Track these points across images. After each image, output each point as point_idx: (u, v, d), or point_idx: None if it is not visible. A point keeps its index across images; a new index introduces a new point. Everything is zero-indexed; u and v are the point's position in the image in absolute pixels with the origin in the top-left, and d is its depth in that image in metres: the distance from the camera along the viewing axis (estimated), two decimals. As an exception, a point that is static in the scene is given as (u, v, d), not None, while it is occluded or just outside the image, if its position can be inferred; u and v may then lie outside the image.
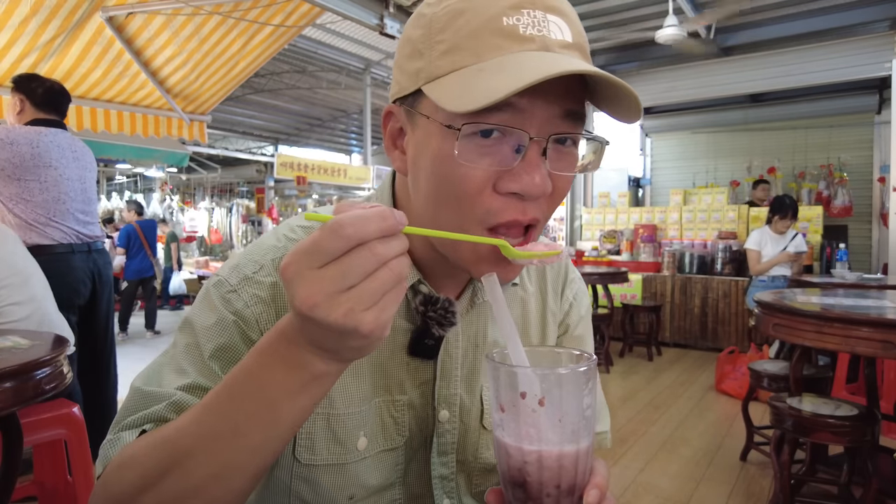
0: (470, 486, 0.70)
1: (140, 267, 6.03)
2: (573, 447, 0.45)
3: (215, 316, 0.57)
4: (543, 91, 0.47)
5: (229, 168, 13.69)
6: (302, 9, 3.86)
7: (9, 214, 2.39)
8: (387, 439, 0.64)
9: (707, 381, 4.45)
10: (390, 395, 0.64)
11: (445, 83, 0.49)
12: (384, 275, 0.38)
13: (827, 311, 1.88)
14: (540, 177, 0.50)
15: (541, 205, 0.52)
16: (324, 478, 0.62)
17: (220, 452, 0.44)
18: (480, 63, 0.48)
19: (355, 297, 0.37)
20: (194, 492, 0.45)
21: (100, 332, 2.69)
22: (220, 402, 0.45)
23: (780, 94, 7.04)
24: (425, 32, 0.52)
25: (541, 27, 0.49)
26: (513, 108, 0.48)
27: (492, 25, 0.49)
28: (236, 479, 0.45)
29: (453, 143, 0.49)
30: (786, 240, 4.26)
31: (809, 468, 2.44)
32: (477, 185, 0.50)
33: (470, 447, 0.68)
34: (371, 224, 0.37)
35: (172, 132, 4.58)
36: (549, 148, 0.50)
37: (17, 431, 1.37)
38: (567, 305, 0.76)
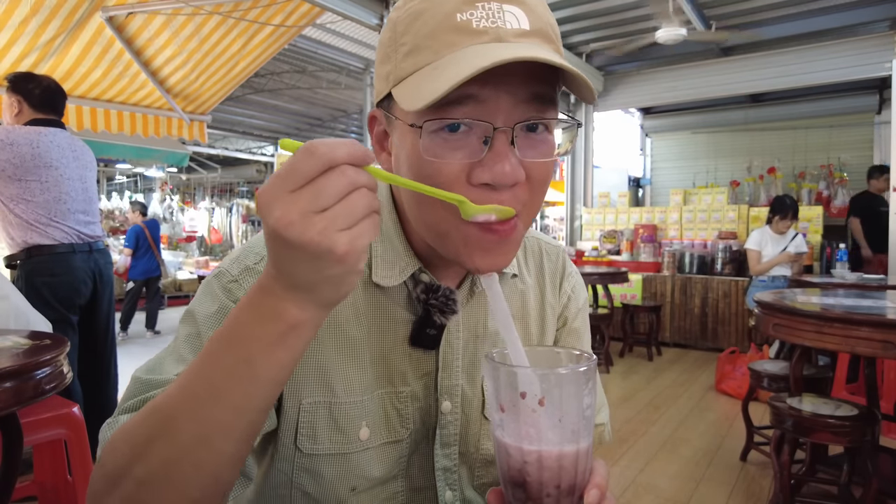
0: (472, 478, 0.70)
1: (147, 267, 6.07)
2: (573, 447, 0.45)
3: (217, 304, 0.58)
4: (504, 80, 0.48)
5: (229, 168, 13.70)
6: (302, 9, 3.86)
7: (10, 214, 2.39)
8: (390, 431, 0.64)
9: (707, 381, 4.45)
10: (393, 386, 0.64)
11: (407, 84, 0.51)
12: (357, 198, 0.38)
13: (827, 311, 1.88)
14: (510, 166, 0.50)
15: (517, 195, 0.52)
16: (326, 468, 0.62)
17: (203, 413, 0.43)
18: (437, 61, 0.49)
19: (329, 217, 0.38)
20: (181, 456, 0.43)
21: (100, 332, 2.69)
22: (202, 363, 0.44)
23: (781, 94, 7.04)
24: (391, 36, 0.54)
25: (494, 19, 0.50)
26: (474, 100, 0.49)
27: (447, 23, 0.50)
28: (221, 440, 0.43)
29: (420, 142, 0.50)
30: (786, 240, 4.26)
31: (809, 468, 2.44)
32: (449, 179, 0.50)
33: (472, 438, 0.68)
34: (342, 148, 0.38)
35: (172, 132, 4.58)
36: (518, 136, 0.51)
37: (17, 431, 1.37)
38: (565, 298, 0.77)
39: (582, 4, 5.38)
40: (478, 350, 0.69)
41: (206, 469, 0.44)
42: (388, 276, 0.62)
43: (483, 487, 0.70)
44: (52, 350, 1.27)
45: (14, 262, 2.46)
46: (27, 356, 1.23)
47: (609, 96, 7.13)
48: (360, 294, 0.63)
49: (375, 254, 0.63)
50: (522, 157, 0.51)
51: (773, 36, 5.91)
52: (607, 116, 7.97)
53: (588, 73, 6.67)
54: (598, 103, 7.25)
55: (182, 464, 0.43)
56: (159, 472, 0.44)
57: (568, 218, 7.57)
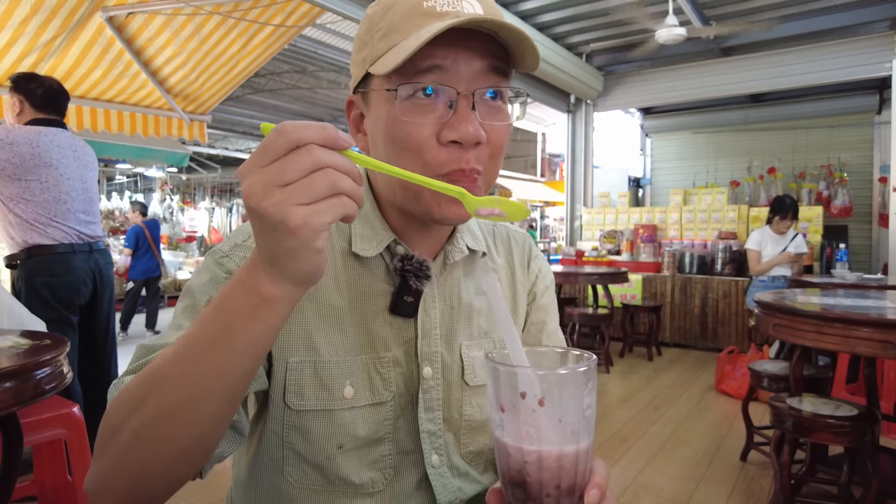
0: (459, 445, 0.73)
1: (147, 267, 6.07)
2: (573, 447, 0.45)
3: (209, 275, 0.64)
4: (463, 53, 0.58)
5: (229, 168, 13.69)
6: (302, 9, 3.86)
7: (10, 214, 2.39)
8: (374, 393, 0.68)
9: (707, 381, 4.45)
10: (375, 352, 0.68)
11: (383, 59, 0.59)
12: (321, 178, 0.41)
13: (827, 311, 1.88)
14: (473, 126, 0.58)
15: (480, 155, 0.60)
16: (313, 425, 0.65)
17: (189, 375, 0.47)
18: (407, 38, 0.58)
19: (289, 191, 0.40)
20: (170, 412, 0.48)
21: (101, 332, 2.69)
22: (193, 329, 0.48)
23: (781, 95, 7.04)
24: (368, 26, 0.63)
25: (454, 5, 0.59)
26: (440, 69, 0.57)
27: (416, 10, 0.59)
28: (206, 401, 0.47)
29: (395, 105, 0.58)
30: (786, 240, 4.26)
31: (809, 468, 2.44)
32: (423, 139, 0.59)
33: (454, 403, 0.72)
34: (311, 129, 0.41)
35: (172, 132, 4.58)
36: (478, 101, 0.59)
37: (17, 431, 1.37)
38: (534, 277, 0.83)
39: (582, 4, 5.38)
40: (454, 319, 0.73)
41: (193, 425, 0.49)
42: (366, 248, 0.68)
43: (470, 456, 0.74)
44: (53, 350, 1.27)
45: (14, 261, 2.46)
46: (27, 356, 1.23)
47: (609, 96, 7.13)
48: (341, 266, 0.68)
49: (354, 231, 0.69)
50: (482, 119, 0.59)
51: (772, 36, 5.91)
52: (607, 116, 7.97)
53: (588, 73, 6.67)
54: (598, 103, 7.25)
55: (171, 419, 0.48)
56: (151, 425, 0.48)
57: (568, 218, 7.57)
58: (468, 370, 0.73)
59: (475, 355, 0.74)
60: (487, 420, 0.74)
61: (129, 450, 0.50)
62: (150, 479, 0.51)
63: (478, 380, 0.74)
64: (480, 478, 0.75)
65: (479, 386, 0.74)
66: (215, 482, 2.52)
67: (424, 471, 0.70)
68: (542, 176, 14.07)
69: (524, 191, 12.25)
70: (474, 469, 0.75)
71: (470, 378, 0.73)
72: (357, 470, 0.67)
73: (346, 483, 0.67)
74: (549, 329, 0.83)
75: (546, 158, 14.66)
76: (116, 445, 0.50)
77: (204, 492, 2.44)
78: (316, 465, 0.66)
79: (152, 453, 0.49)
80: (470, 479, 0.74)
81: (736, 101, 7.36)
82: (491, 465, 0.77)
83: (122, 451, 0.50)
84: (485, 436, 0.75)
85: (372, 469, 0.68)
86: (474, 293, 0.76)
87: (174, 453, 0.50)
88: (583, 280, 5.06)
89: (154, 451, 0.49)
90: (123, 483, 0.51)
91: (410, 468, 0.70)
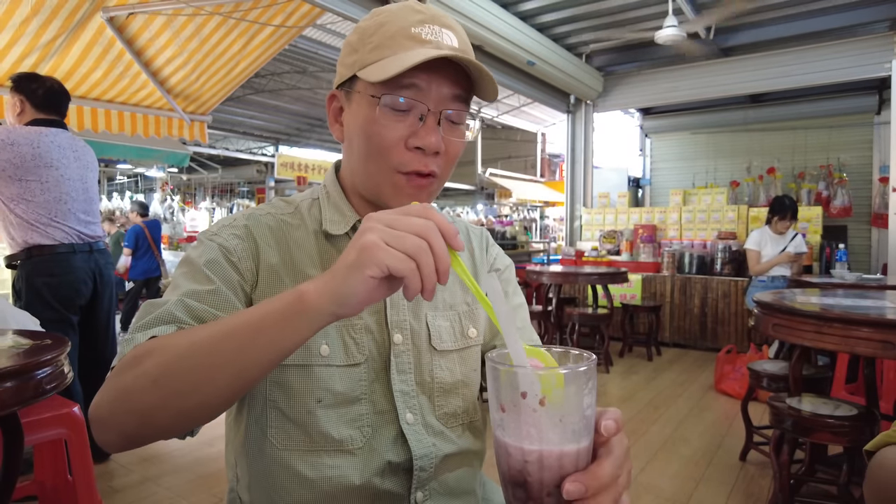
0: (433, 406, 0.80)
1: (148, 267, 6.06)
2: (574, 446, 0.46)
3: (203, 246, 0.74)
4: (437, 78, 0.70)
5: (230, 168, 13.70)
6: (302, 9, 3.87)
7: (10, 215, 2.40)
8: (348, 355, 0.75)
9: (706, 381, 4.46)
10: (348, 319, 0.75)
11: (371, 67, 0.71)
12: (414, 241, 0.50)
13: (826, 311, 1.88)
14: (436, 138, 0.71)
15: (438, 162, 0.73)
16: (293, 379, 0.72)
17: (214, 344, 0.55)
18: (396, 55, 0.70)
19: (388, 232, 0.50)
20: (188, 371, 0.56)
21: (101, 332, 2.69)
22: (236, 313, 0.58)
23: (780, 95, 7.04)
24: (360, 37, 0.74)
25: (437, 35, 0.72)
26: (416, 88, 0.70)
27: (404, 32, 0.71)
28: (220, 372, 0.55)
29: (376, 110, 0.70)
30: (785, 240, 4.26)
31: (809, 468, 2.44)
32: (393, 141, 0.71)
33: (425, 367, 0.80)
34: (442, 217, 0.52)
35: (173, 132, 4.58)
36: (442, 119, 0.71)
37: (17, 431, 1.37)
38: (492, 258, 0.94)
39: (582, 5, 5.39)
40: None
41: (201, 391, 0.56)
42: (336, 228, 0.78)
43: (445, 417, 0.80)
44: (53, 350, 1.28)
45: (14, 262, 2.46)
46: (28, 356, 1.23)
47: (609, 97, 7.13)
48: (314, 245, 0.78)
49: (325, 216, 0.80)
50: (444, 134, 0.72)
51: (772, 36, 5.91)
52: (607, 117, 7.97)
53: (588, 73, 6.68)
54: (598, 104, 7.25)
55: (188, 377, 0.55)
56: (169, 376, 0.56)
57: (568, 218, 7.58)
58: (434, 336, 0.81)
59: (440, 324, 0.82)
60: (458, 383, 0.82)
61: (142, 392, 0.56)
62: (149, 424, 0.58)
63: (444, 345, 0.81)
64: (457, 440, 0.80)
65: (447, 351, 0.82)
66: (215, 482, 2.52)
67: (400, 427, 0.75)
68: (541, 176, 14.07)
69: (524, 191, 12.25)
70: (451, 431, 0.80)
71: (437, 343, 0.81)
72: (336, 426, 0.72)
73: (326, 439, 0.72)
74: (513, 302, 0.90)
75: (546, 159, 14.66)
76: (131, 385, 0.57)
77: (204, 491, 2.44)
78: (297, 421, 0.72)
79: (161, 401, 0.56)
80: (445, 439, 0.79)
81: (735, 102, 7.36)
82: (467, 428, 0.83)
83: (134, 392, 0.57)
84: (458, 398, 0.82)
85: (350, 427, 0.73)
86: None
87: (179, 408, 0.56)
88: (582, 280, 5.06)
89: (163, 399, 0.56)
90: (126, 418, 0.58)
91: (387, 426, 0.75)
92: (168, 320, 0.64)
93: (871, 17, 5.48)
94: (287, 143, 12.80)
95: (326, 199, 0.82)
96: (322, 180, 0.87)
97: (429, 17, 0.73)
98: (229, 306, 0.68)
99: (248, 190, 15.29)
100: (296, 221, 0.79)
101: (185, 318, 0.65)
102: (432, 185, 0.74)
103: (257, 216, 0.78)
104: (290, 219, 0.79)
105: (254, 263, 0.74)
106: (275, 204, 0.82)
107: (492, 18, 4.93)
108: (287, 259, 0.75)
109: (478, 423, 0.85)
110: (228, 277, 0.71)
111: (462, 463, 0.81)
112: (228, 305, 0.68)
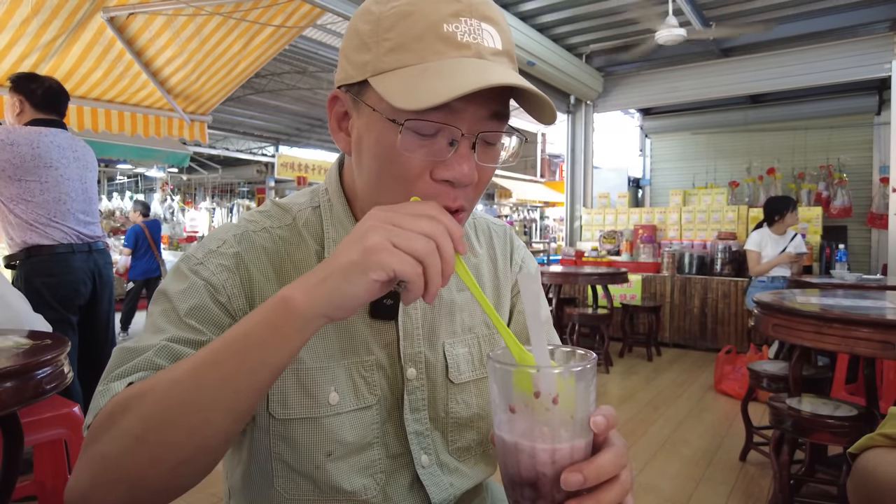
0: (446, 442, 0.73)
1: (148, 267, 6.06)
2: (583, 441, 0.47)
3: (186, 283, 0.62)
4: (474, 95, 0.53)
5: (230, 168, 13.70)
6: (302, 9, 3.87)
7: (9, 215, 2.39)
8: (359, 398, 0.67)
9: (706, 381, 4.45)
10: (358, 356, 0.68)
11: (390, 78, 0.55)
12: (423, 242, 0.47)
13: (826, 311, 1.88)
14: (468, 167, 0.57)
15: (468, 193, 0.60)
16: (300, 433, 0.65)
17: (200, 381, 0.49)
18: (423, 64, 0.55)
19: (395, 231, 0.47)
20: (176, 419, 0.49)
21: (100, 332, 2.69)
22: (214, 341, 0.51)
23: (780, 95, 7.04)
24: (373, 29, 0.57)
25: (475, 35, 0.56)
26: (449, 109, 0.54)
27: (434, 31, 0.55)
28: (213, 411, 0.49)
29: (395, 134, 0.55)
30: (785, 240, 4.26)
31: (809, 468, 2.44)
32: (416, 172, 0.57)
33: (440, 402, 0.72)
34: (449, 217, 0.49)
35: (173, 132, 4.58)
36: (477, 143, 0.57)
37: (17, 431, 1.37)
38: (517, 268, 0.83)
39: (582, 5, 5.39)
40: (435, 318, 0.73)
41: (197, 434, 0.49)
42: None
43: (459, 452, 0.74)
44: (53, 350, 1.28)
45: (13, 262, 2.46)
46: (28, 356, 1.23)
47: (609, 97, 7.14)
48: (314, 265, 0.68)
49: (328, 233, 0.69)
50: (478, 160, 0.58)
51: (772, 37, 5.91)
52: (607, 117, 7.97)
53: (588, 74, 6.68)
54: (598, 104, 7.25)
55: (177, 426, 0.49)
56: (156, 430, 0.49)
57: (568, 218, 7.58)
58: (452, 368, 0.73)
59: (459, 352, 0.74)
60: (474, 416, 0.74)
61: (126, 454, 0.49)
62: (141, 489, 0.49)
63: (462, 377, 0.73)
64: (471, 472, 0.75)
65: (464, 383, 0.73)
66: (215, 483, 2.52)
67: (415, 472, 0.70)
68: (542, 176, 14.07)
69: (524, 191, 12.25)
70: (464, 464, 0.75)
71: (455, 376, 0.73)
72: (348, 477, 0.66)
73: (338, 491, 0.65)
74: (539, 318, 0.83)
75: (546, 159, 14.67)
76: (111, 450, 0.49)
77: (203, 492, 2.44)
78: (306, 474, 0.65)
79: (152, 461, 0.49)
80: (461, 475, 0.74)
81: (735, 102, 7.36)
82: (481, 458, 0.77)
83: (117, 457, 0.49)
84: (472, 431, 0.75)
85: (363, 475, 0.67)
86: (455, 290, 0.76)
87: (175, 462, 0.49)
88: (582, 280, 5.06)
89: (154, 458, 0.49)
90: (112, 490, 0.49)
91: (401, 470, 0.70)
92: (147, 367, 0.55)
93: (871, 18, 5.48)
94: (287, 144, 12.80)
95: (329, 210, 0.70)
96: (323, 181, 0.77)
97: (465, 6, 0.56)
98: None
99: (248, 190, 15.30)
100: (294, 238, 0.68)
101: (168, 366, 0.56)
102: (461, 217, 0.61)
103: (251, 237, 0.66)
104: (288, 234, 0.68)
105: (246, 300, 0.63)
106: (271, 213, 0.70)
107: (492, 19, 4.92)
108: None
109: (490, 451, 0.78)
110: (218, 322, 0.61)
111: (478, 493, 0.78)
112: None
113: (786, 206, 4.24)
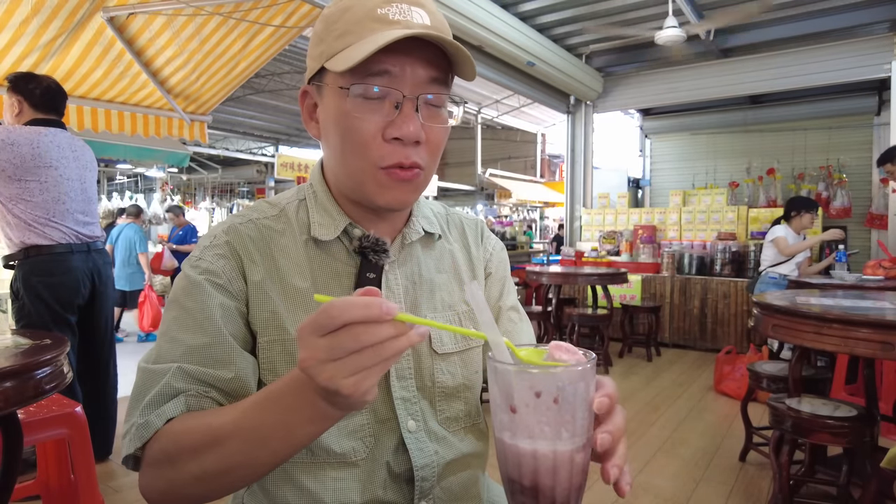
0: (435, 412, 0.77)
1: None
2: (582, 440, 0.47)
3: (188, 280, 0.69)
4: (410, 61, 0.64)
5: (230, 168, 13.70)
6: (302, 9, 3.87)
7: (8, 215, 2.39)
8: None
9: (706, 381, 4.46)
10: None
11: (338, 57, 0.65)
12: (366, 355, 0.45)
13: (826, 311, 1.88)
14: (414, 126, 0.65)
15: (420, 152, 0.67)
16: None
17: (248, 451, 0.56)
18: (362, 40, 0.64)
19: (338, 367, 0.45)
20: (229, 470, 0.57)
21: (99, 332, 2.69)
22: (254, 414, 0.56)
23: (780, 96, 7.05)
24: (325, 25, 0.68)
25: (405, 14, 0.66)
26: (388, 74, 0.64)
27: (370, 15, 0.65)
28: (263, 466, 0.57)
29: (347, 101, 0.65)
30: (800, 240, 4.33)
31: (808, 469, 2.44)
32: (370, 134, 0.66)
33: (426, 371, 0.76)
34: (355, 310, 0.44)
35: (173, 132, 4.58)
36: (421, 105, 0.66)
37: (17, 431, 1.37)
38: (488, 254, 0.90)
39: (582, 5, 5.39)
40: (417, 294, 0.78)
41: (250, 477, 0.59)
42: (325, 233, 0.74)
43: (447, 421, 0.78)
44: (53, 350, 1.28)
45: (12, 262, 2.46)
46: (27, 356, 1.23)
47: (608, 97, 7.14)
48: (303, 253, 0.73)
49: (313, 219, 0.75)
50: (423, 121, 0.66)
51: (772, 37, 5.92)
52: (607, 118, 7.97)
53: (587, 74, 6.68)
54: (598, 104, 7.25)
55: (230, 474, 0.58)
56: (213, 477, 0.58)
57: (567, 218, 7.58)
58: (435, 340, 0.77)
59: None
60: (460, 386, 0.79)
61: (187, 485, 0.59)
62: (210, 498, 0.60)
63: (445, 348, 0.78)
64: (459, 444, 0.78)
65: (448, 354, 0.78)
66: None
67: (401, 435, 0.73)
68: (541, 177, 14.07)
69: (524, 191, 12.25)
70: (452, 435, 0.78)
71: (438, 346, 0.77)
72: (337, 439, 0.70)
73: (328, 453, 0.70)
74: (507, 303, 0.88)
75: (546, 159, 14.67)
76: (176, 479, 0.59)
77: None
78: None
79: (209, 490, 0.59)
80: (447, 444, 0.77)
81: (735, 103, 7.36)
82: (470, 430, 0.80)
83: (181, 486, 0.59)
84: (459, 401, 0.79)
85: (352, 438, 0.71)
86: (435, 271, 0.81)
87: (233, 487, 0.60)
88: (582, 281, 5.06)
89: (214, 489, 0.59)
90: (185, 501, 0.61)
91: (388, 434, 0.73)
92: (173, 394, 0.63)
93: (870, 19, 5.48)
94: (287, 144, 12.80)
95: (314, 199, 0.76)
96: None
97: None
98: (228, 358, 0.66)
99: (248, 190, 15.29)
100: (281, 226, 0.74)
101: (187, 388, 0.63)
102: (418, 177, 0.69)
103: (237, 227, 0.72)
104: (274, 223, 0.74)
105: (243, 281, 0.70)
106: (257, 207, 0.77)
107: (492, 19, 4.94)
108: (272, 271, 0.71)
109: (480, 425, 0.82)
110: (226, 312, 0.68)
111: (465, 467, 0.80)
112: (227, 357, 0.66)
113: (806, 206, 4.28)
